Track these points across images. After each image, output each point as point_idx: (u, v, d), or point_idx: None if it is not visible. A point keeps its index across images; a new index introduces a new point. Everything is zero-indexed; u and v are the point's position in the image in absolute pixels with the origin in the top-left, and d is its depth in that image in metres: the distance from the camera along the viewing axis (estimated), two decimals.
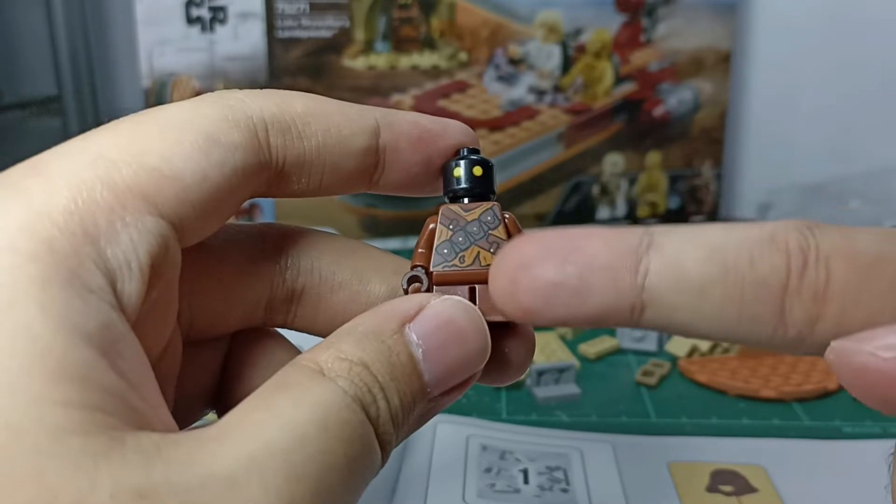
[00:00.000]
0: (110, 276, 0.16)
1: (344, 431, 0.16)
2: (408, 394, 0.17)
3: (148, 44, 0.65)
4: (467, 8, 0.67)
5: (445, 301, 0.18)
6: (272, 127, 0.19)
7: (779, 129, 0.79)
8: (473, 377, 0.19)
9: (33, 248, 0.15)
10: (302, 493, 0.15)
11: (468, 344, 0.18)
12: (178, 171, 0.17)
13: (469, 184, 0.20)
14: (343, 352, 0.17)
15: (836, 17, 0.75)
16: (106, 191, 0.16)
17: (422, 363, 0.18)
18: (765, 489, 0.36)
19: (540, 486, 0.35)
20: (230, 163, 0.18)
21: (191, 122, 0.18)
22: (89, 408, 0.14)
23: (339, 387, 0.16)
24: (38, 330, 0.14)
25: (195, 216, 0.17)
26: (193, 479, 0.14)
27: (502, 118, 0.70)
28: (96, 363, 0.14)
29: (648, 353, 0.49)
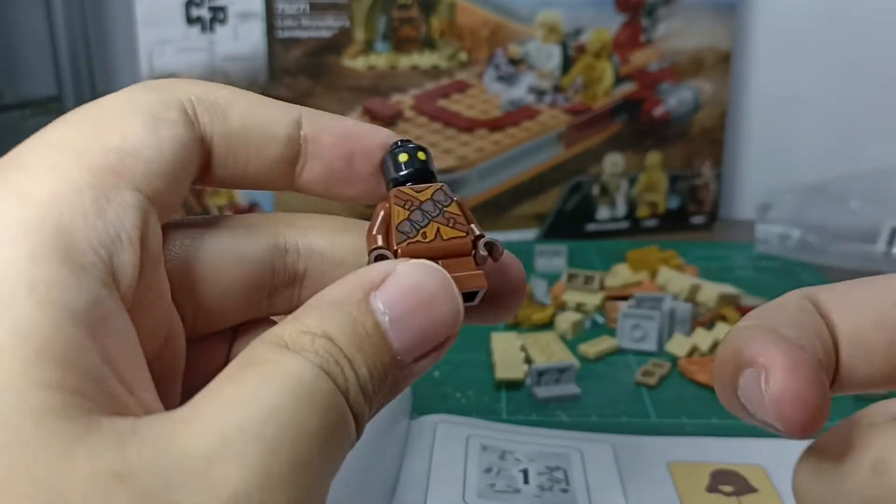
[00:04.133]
0: (106, 250, 0.16)
1: (316, 401, 0.15)
2: (377, 364, 0.17)
3: (148, 44, 0.65)
4: (467, 8, 0.67)
5: (412, 266, 0.18)
6: (199, 105, 0.19)
7: (779, 129, 0.79)
8: (448, 340, 0.18)
9: (23, 227, 0.15)
10: (278, 466, 0.15)
11: (438, 308, 0.18)
12: (138, 148, 0.18)
13: (416, 167, 0.21)
14: (306, 325, 0.17)
15: (836, 17, 0.75)
16: (84, 172, 0.17)
17: (389, 332, 0.17)
18: (765, 489, 0.36)
19: (540, 486, 0.35)
20: (176, 136, 0.19)
21: (133, 106, 0.18)
22: (69, 390, 0.14)
23: (305, 359, 0.16)
24: (25, 308, 0.14)
25: (163, 188, 0.18)
26: (169, 459, 0.14)
27: (502, 118, 0.70)
28: (80, 344, 0.14)
29: (648, 353, 0.49)
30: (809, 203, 0.67)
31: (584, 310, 0.54)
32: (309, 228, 0.22)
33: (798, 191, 0.69)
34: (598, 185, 0.73)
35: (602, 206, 0.74)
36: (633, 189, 0.74)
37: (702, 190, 0.76)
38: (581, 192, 0.73)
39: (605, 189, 0.74)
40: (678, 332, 0.50)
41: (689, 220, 0.77)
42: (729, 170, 0.79)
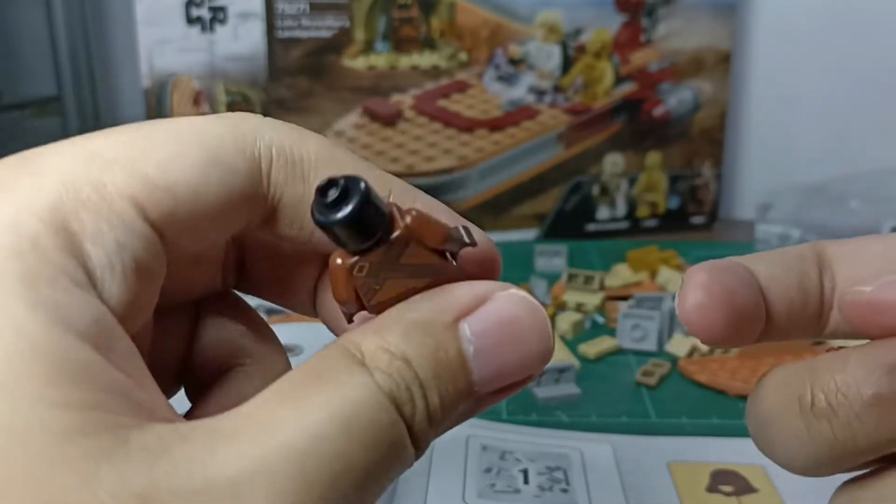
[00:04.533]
0: (91, 276, 0.15)
1: (368, 434, 0.15)
2: (451, 391, 0.16)
3: (148, 44, 0.65)
4: (467, 8, 0.67)
5: (510, 297, 0.17)
6: (277, 160, 0.18)
7: (779, 129, 0.79)
8: (530, 378, 0.18)
9: (17, 244, 0.15)
10: (311, 501, 0.14)
11: (528, 345, 0.17)
12: (171, 183, 0.17)
13: (363, 242, 0.16)
14: (387, 342, 0.16)
15: (836, 17, 0.75)
16: (94, 192, 0.16)
17: (471, 361, 0.16)
18: (765, 489, 0.36)
19: (540, 487, 0.35)
20: (227, 185, 0.17)
21: (198, 138, 0.17)
22: (90, 407, 0.14)
23: (375, 382, 0.15)
24: (30, 328, 0.14)
25: (183, 231, 0.17)
26: (196, 482, 0.13)
27: (502, 118, 0.70)
28: (92, 360, 0.14)
29: (648, 353, 0.49)
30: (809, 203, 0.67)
31: (584, 310, 0.54)
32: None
33: (798, 191, 0.69)
34: (598, 185, 0.73)
35: (602, 206, 0.74)
36: (633, 189, 0.74)
37: (702, 190, 0.76)
38: (581, 192, 0.73)
39: (605, 189, 0.74)
40: (678, 332, 0.50)
41: (689, 220, 0.77)
42: (729, 170, 0.79)
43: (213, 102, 0.67)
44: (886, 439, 0.18)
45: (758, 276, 0.20)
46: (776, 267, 0.20)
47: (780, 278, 0.20)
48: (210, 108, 0.67)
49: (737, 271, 0.19)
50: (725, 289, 0.19)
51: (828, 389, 0.18)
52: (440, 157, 0.69)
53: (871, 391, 0.17)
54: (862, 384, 0.17)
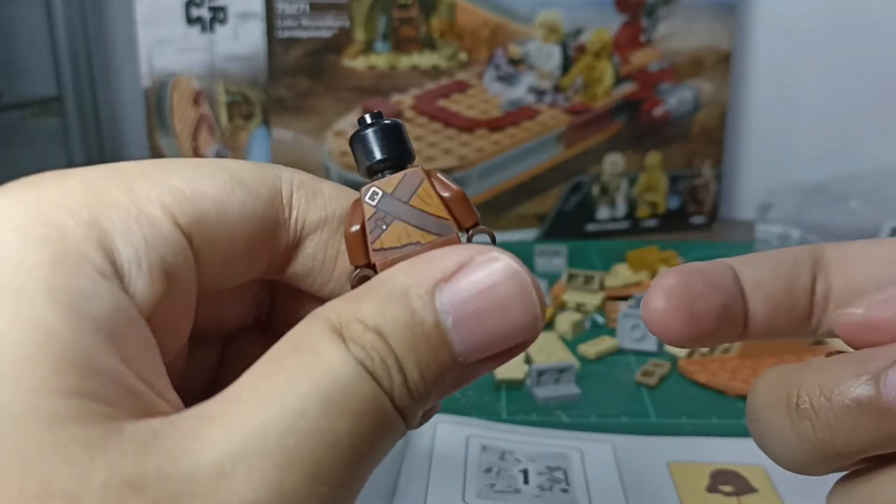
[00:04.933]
0: (118, 270, 0.15)
1: (349, 406, 0.15)
2: (432, 364, 0.16)
3: (148, 44, 0.65)
4: (467, 8, 0.67)
5: (491, 262, 0.16)
6: (298, 190, 0.19)
7: (779, 129, 0.79)
8: (521, 346, 0.17)
9: (45, 232, 0.15)
10: (294, 480, 0.14)
11: (511, 314, 0.16)
12: (199, 194, 0.17)
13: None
14: (361, 312, 0.16)
15: (836, 17, 0.75)
16: (122, 194, 0.16)
17: (451, 332, 0.16)
18: (765, 489, 0.36)
19: (540, 486, 0.35)
20: (250, 206, 0.18)
21: (220, 164, 0.18)
22: (90, 396, 0.14)
23: (351, 353, 0.15)
24: (46, 315, 0.14)
25: (210, 245, 0.17)
26: (180, 469, 0.14)
27: (502, 118, 0.70)
28: (101, 349, 0.14)
29: (648, 353, 0.49)
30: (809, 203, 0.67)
31: (584, 310, 0.54)
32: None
33: (798, 191, 0.69)
34: (598, 185, 0.73)
35: (602, 206, 0.74)
36: (633, 189, 0.74)
37: (702, 190, 0.76)
38: (581, 192, 0.73)
39: (605, 189, 0.74)
40: None
41: (689, 220, 0.77)
42: (729, 170, 0.79)
43: (213, 102, 0.67)
44: (864, 443, 0.18)
45: (743, 278, 0.20)
46: (765, 269, 0.20)
47: (766, 280, 0.20)
48: (210, 107, 0.67)
49: (713, 274, 0.20)
50: (688, 292, 0.19)
51: (812, 392, 0.18)
52: (440, 157, 0.69)
53: (851, 396, 0.18)
54: (844, 389, 0.18)
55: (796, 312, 0.20)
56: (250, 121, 0.68)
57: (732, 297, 0.20)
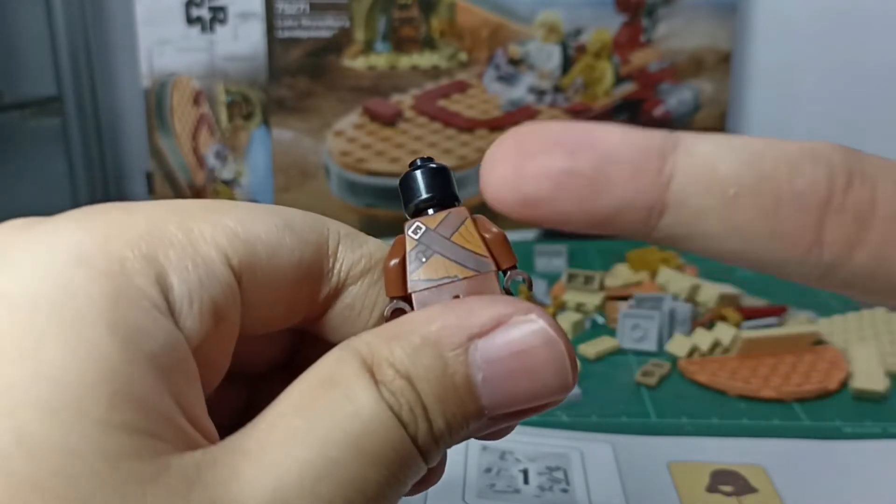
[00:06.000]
0: (171, 306, 0.16)
1: (380, 453, 0.15)
2: (457, 415, 0.16)
3: (148, 44, 0.65)
4: (467, 8, 0.67)
5: (526, 325, 0.16)
6: (345, 240, 0.19)
7: (779, 130, 0.79)
8: (548, 406, 0.17)
9: (107, 265, 0.15)
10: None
11: (542, 380, 0.16)
12: (252, 237, 0.17)
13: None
14: (394, 356, 0.16)
15: (836, 17, 0.75)
16: (180, 232, 0.17)
17: (480, 387, 0.16)
18: (765, 489, 0.36)
19: (540, 487, 0.35)
20: (298, 253, 0.18)
21: (272, 209, 0.19)
22: (144, 433, 0.14)
23: (383, 398, 0.15)
24: (106, 348, 0.14)
25: (256, 285, 0.18)
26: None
27: (502, 118, 0.70)
28: (156, 386, 0.15)
29: (648, 353, 0.49)
30: None
31: (584, 310, 0.54)
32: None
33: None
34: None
35: None
36: None
37: None
38: None
39: None
40: (678, 332, 0.50)
41: None
42: None
43: (213, 102, 0.67)
44: None
45: None
46: None
47: None
48: (210, 107, 0.67)
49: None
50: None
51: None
52: (440, 157, 0.69)
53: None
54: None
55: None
56: (250, 121, 0.68)
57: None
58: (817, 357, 0.47)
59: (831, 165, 0.15)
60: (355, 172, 0.69)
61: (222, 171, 0.69)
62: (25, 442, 0.13)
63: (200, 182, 0.69)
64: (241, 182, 0.69)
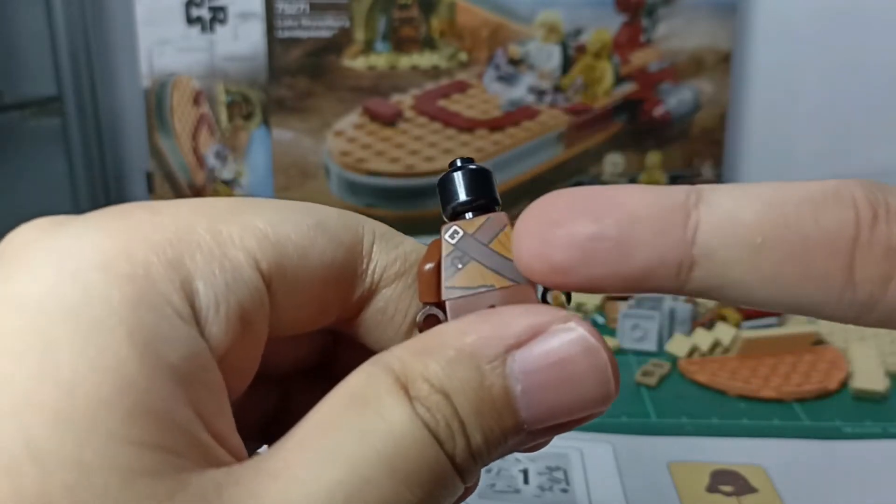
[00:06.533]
0: (196, 312, 0.15)
1: (415, 473, 0.14)
2: (496, 430, 0.15)
3: (148, 44, 0.65)
4: (467, 8, 0.67)
5: (565, 334, 0.16)
6: (380, 240, 0.19)
7: (779, 129, 0.79)
8: (589, 418, 0.16)
9: (130, 270, 0.15)
10: None
11: (583, 389, 0.16)
12: (282, 239, 0.17)
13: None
14: (429, 371, 0.15)
15: (836, 18, 0.75)
16: (209, 235, 0.16)
17: (519, 400, 0.15)
18: (765, 489, 0.36)
19: (540, 487, 0.35)
20: (331, 254, 0.18)
21: (305, 207, 0.18)
22: (160, 447, 0.14)
23: (418, 415, 0.15)
24: (124, 358, 0.14)
25: (286, 288, 0.17)
26: None
27: (502, 118, 0.70)
28: (175, 398, 0.14)
29: (648, 353, 0.49)
30: None
31: (584, 310, 0.54)
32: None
33: None
34: (598, 185, 0.73)
35: None
36: None
37: None
38: None
39: None
40: (678, 332, 0.50)
41: None
42: (729, 170, 0.79)
43: (213, 102, 0.67)
44: None
45: None
46: None
47: None
48: (210, 107, 0.67)
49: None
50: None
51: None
52: (440, 157, 0.69)
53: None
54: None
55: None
56: (250, 121, 0.68)
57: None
58: (817, 357, 0.47)
59: (854, 203, 0.14)
60: (355, 172, 0.69)
61: (222, 171, 0.69)
62: (37, 455, 0.13)
63: (200, 182, 0.69)
64: (241, 182, 0.69)
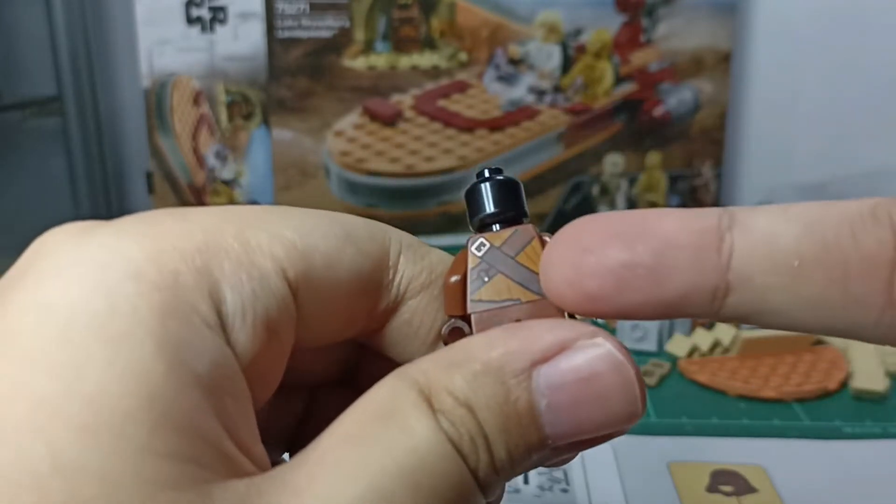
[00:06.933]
0: (223, 320, 0.15)
1: (438, 488, 0.14)
2: (520, 445, 0.15)
3: (148, 44, 0.65)
4: (467, 8, 0.67)
5: (592, 349, 0.15)
6: (406, 251, 0.18)
7: (779, 129, 0.79)
8: (614, 434, 0.16)
9: (159, 278, 0.15)
10: None
11: (610, 407, 0.15)
12: (309, 248, 0.17)
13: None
14: (453, 385, 0.15)
15: (836, 18, 0.75)
16: (237, 243, 0.16)
17: (544, 416, 0.15)
18: (765, 489, 0.36)
19: (540, 486, 0.35)
20: (358, 265, 0.18)
21: (333, 217, 0.18)
22: (186, 460, 0.14)
23: (442, 429, 0.15)
24: (151, 369, 0.14)
25: (313, 298, 0.17)
26: None
27: (502, 118, 0.70)
28: (200, 408, 0.14)
29: (648, 353, 0.49)
30: None
31: None
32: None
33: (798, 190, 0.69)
34: (598, 185, 0.73)
35: (602, 207, 0.74)
36: (633, 189, 0.74)
37: (702, 190, 0.76)
38: (581, 193, 0.73)
39: (605, 189, 0.74)
40: (678, 332, 0.50)
41: None
42: (729, 169, 0.79)
43: (213, 102, 0.67)
44: None
45: None
46: None
47: None
48: (210, 107, 0.67)
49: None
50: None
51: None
52: (440, 157, 0.69)
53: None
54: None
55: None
56: (250, 121, 0.68)
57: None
58: (817, 357, 0.47)
59: (892, 222, 0.14)
60: (355, 172, 0.69)
61: (222, 171, 0.69)
62: (62, 468, 0.13)
63: (200, 182, 0.69)
64: (241, 182, 0.69)
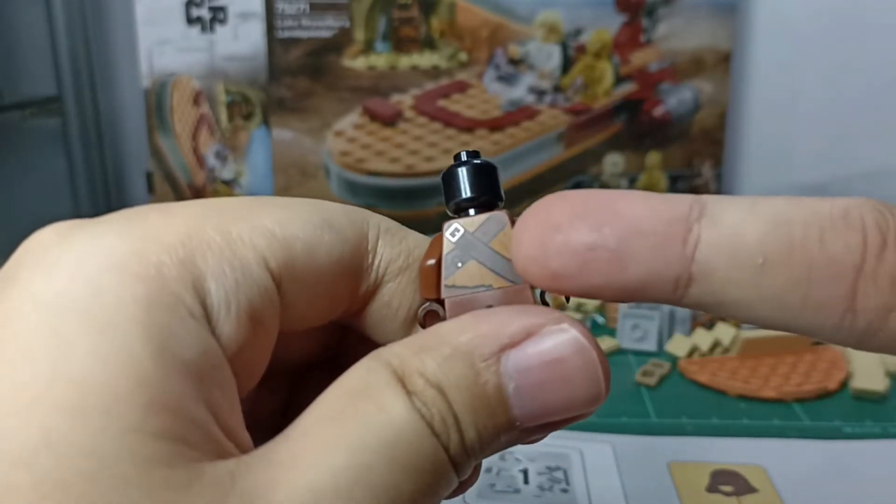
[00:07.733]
0: (207, 311, 0.16)
1: (412, 462, 0.15)
2: (489, 426, 0.16)
3: (148, 44, 0.65)
4: (467, 8, 0.67)
5: (558, 335, 0.16)
6: (385, 235, 0.19)
7: (779, 129, 0.79)
8: (580, 417, 0.17)
9: (142, 270, 0.15)
10: None
11: (574, 388, 0.16)
12: (290, 238, 0.17)
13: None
14: (425, 367, 0.16)
15: (836, 18, 0.75)
16: (219, 236, 0.16)
17: (512, 398, 0.16)
18: (765, 489, 0.36)
19: (540, 486, 0.35)
20: (337, 250, 0.18)
21: (311, 205, 0.18)
22: (177, 439, 0.14)
23: (415, 408, 0.15)
24: (139, 355, 0.14)
25: (295, 286, 0.17)
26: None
27: (502, 118, 0.70)
28: (189, 393, 0.15)
29: (648, 353, 0.49)
30: None
31: (584, 310, 0.54)
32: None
33: (798, 190, 0.69)
34: (598, 185, 0.73)
35: None
36: (633, 189, 0.74)
37: (702, 190, 0.76)
38: None
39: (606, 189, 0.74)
40: (678, 332, 0.50)
41: None
42: (729, 169, 0.79)
43: (213, 102, 0.67)
44: None
45: None
46: None
47: None
48: (210, 107, 0.67)
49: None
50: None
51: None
52: (440, 157, 0.69)
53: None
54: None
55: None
56: (250, 121, 0.68)
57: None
58: (817, 357, 0.47)
59: (864, 228, 0.14)
60: (355, 172, 0.69)
61: (222, 171, 0.69)
62: (54, 446, 0.13)
63: (200, 182, 0.69)
64: (241, 182, 0.69)
